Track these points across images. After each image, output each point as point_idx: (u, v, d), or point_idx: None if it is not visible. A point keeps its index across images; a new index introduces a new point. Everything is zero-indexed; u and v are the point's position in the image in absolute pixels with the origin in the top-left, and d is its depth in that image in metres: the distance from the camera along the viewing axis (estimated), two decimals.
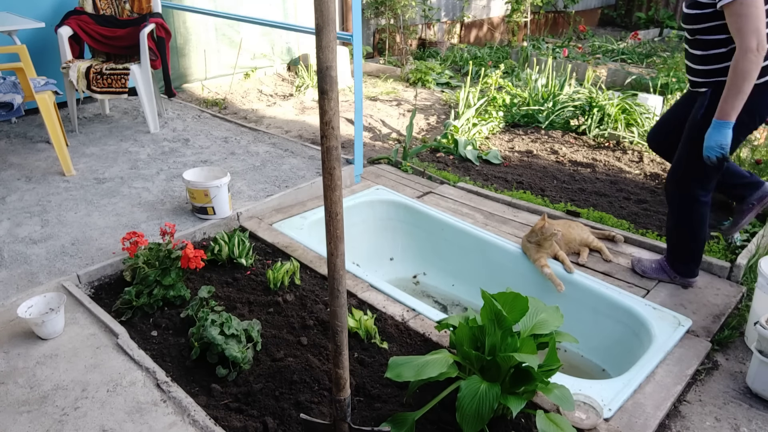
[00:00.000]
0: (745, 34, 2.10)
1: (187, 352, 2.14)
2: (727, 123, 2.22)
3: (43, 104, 3.40)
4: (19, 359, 2.08)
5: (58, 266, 2.65)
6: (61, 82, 4.11)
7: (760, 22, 2.09)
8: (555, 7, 9.20)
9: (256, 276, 2.67)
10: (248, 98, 5.67)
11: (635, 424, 1.90)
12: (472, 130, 4.64)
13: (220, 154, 3.99)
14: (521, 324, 1.94)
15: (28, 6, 4.38)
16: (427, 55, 7.54)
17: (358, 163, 3.70)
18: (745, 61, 2.12)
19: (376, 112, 5.44)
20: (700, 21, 2.28)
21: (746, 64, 2.12)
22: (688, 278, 2.66)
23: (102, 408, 1.88)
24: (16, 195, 3.31)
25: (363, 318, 2.27)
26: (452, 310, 3.10)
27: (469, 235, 3.12)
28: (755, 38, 2.09)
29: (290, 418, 1.86)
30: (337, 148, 1.41)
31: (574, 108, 4.90)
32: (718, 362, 2.24)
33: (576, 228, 2.95)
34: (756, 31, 2.09)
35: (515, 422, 1.89)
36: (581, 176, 3.96)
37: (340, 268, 1.52)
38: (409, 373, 1.80)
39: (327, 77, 1.35)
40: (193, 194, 3.00)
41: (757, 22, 2.09)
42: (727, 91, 2.19)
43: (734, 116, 2.22)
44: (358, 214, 3.36)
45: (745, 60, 2.12)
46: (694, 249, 2.59)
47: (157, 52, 4.27)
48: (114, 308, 2.37)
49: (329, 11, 1.31)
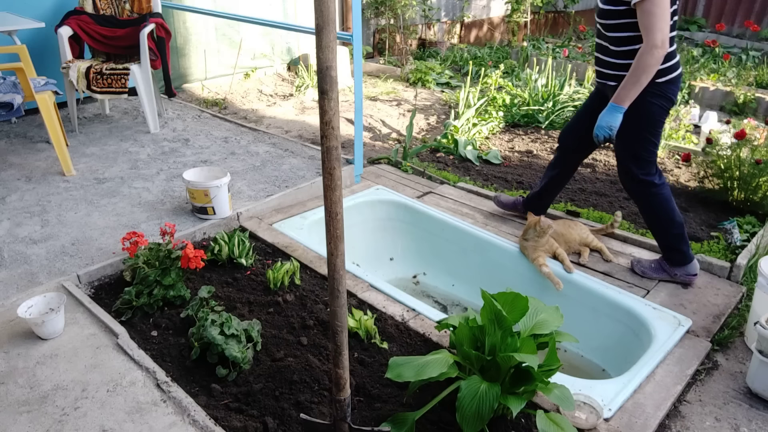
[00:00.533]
0: (653, 32, 2.25)
1: (187, 352, 2.14)
2: (620, 108, 2.43)
3: (43, 104, 3.40)
4: (19, 359, 2.08)
5: (58, 266, 2.65)
6: (61, 82, 4.11)
7: (665, 22, 2.25)
8: (555, 7, 9.20)
9: (256, 276, 2.67)
10: (248, 98, 5.67)
11: (635, 424, 1.90)
12: (472, 130, 4.64)
13: (220, 154, 3.99)
14: (521, 324, 1.94)
15: (28, 6, 4.38)
16: (427, 55, 7.54)
17: (358, 163, 3.70)
18: (650, 56, 2.28)
19: (376, 112, 5.44)
20: (614, 17, 2.41)
21: (650, 59, 2.28)
22: (687, 267, 2.67)
23: (102, 408, 1.88)
24: (16, 195, 3.31)
25: (363, 318, 2.27)
26: (452, 310, 3.10)
27: (469, 235, 3.12)
28: (660, 36, 2.24)
29: (290, 418, 1.86)
30: (337, 148, 1.41)
31: (574, 108, 4.90)
32: (718, 362, 2.24)
33: (575, 228, 2.95)
34: (662, 29, 2.24)
35: (515, 422, 1.89)
36: (581, 176, 3.96)
37: (340, 268, 1.52)
38: (410, 374, 1.80)
39: (327, 77, 1.35)
40: (193, 194, 3.00)
41: (663, 22, 2.24)
42: (628, 80, 2.37)
43: (628, 103, 2.41)
44: (358, 214, 3.36)
45: (650, 55, 2.27)
46: (677, 233, 2.64)
47: (157, 52, 4.26)
48: (114, 308, 2.37)
49: (329, 11, 1.31)
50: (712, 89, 5.82)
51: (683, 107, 4.85)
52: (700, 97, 5.82)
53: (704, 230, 3.18)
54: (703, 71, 6.25)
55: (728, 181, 3.44)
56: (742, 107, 5.58)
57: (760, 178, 3.28)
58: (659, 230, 2.68)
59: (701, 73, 6.17)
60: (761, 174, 3.27)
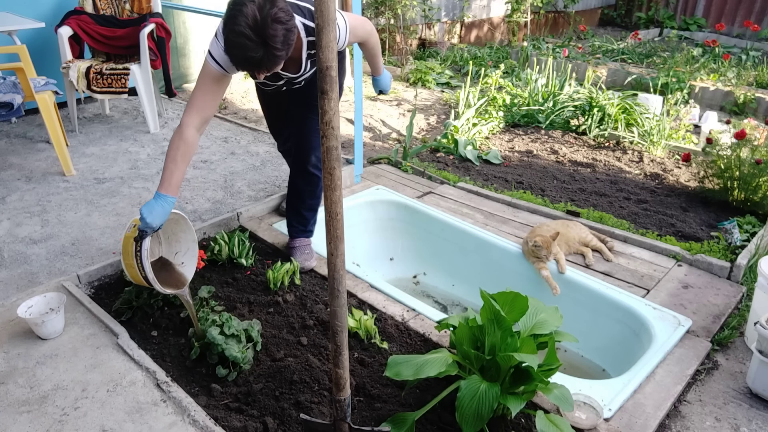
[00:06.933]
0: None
1: (187, 352, 2.14)
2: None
3: (43, 104, 3.40)
4: (19, 359, 2.08)
5: (58, 266, 2.65)
6: (61, 82, 4.11)
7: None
8: (555, 7, 9.20)
9: (256, 276, 2.67)
10: (248, 98, 5.67)
11: (635, 424, 1.90)
12: (472, 130, 4.63)
13: (220, 154, 3.99)
14: (521, 324, 1.94)
15: (28, 6, 4.38)
16: (427, 55, 7.54)
17: (358, 163, 3.70)
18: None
19: (376, 112, 5.44)
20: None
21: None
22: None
23: (102, 408, 1.87)
24: (16, 195, 3.31)
25: (363, 318, 2.27)
26: (452, 310, 3.10)
27: (469, 235, 3.12)
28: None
29: (290, 418, 1.86)
30: (337, 148, 1.41)
31: (574, 108, 4.90)
32: (718, 362, 2.24)
33: (575, 228, 2.95)
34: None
35: (515, 422, 1.89)
36: (581, 176, 3.96)
37: (340, 268, 1.52)
38: (408, 372, 1.80)
39: (327, 77, 1.35)
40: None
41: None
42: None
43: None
44: (358, 214, 3.36)
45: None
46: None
47: (157, 52, 4.26)
48: (114, 308, 2.36)
49: (329, 11, 1.30)
50: (712, 89, 5.81)
51: (683, 107, 4.85)
52: (700, 97, 5.82)
53: (704, 230, 3.18)
54: (703, 71, 6.25)
55: (728, 181, 3.43)
56: (742, 107, 5.58)
57: (760, 178, 3.28)
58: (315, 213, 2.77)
59: (701, 73, 6.17)
60: (761, 174, 3.27)
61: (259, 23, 1.89)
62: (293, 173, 2.74)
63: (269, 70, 2.05)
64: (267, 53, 1.94)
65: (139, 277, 2.13)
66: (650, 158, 4.25)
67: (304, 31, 2.22)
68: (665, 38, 8.47)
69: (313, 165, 2.66)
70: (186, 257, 2.37)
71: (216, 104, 2.24)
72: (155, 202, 2.08)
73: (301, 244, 2.79)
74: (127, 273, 2.18)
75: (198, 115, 2.17)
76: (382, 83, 2.85)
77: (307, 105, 2.59)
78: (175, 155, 2.13)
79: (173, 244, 2.39)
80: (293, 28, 1.99)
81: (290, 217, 2.81)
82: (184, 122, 2.15)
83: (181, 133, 2.14)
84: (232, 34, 1.91)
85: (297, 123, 2.63)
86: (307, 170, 2.67)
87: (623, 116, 4.67)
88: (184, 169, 2.16)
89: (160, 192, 2.10)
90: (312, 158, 2.64)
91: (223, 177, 3.64)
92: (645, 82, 5.96)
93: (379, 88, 2.87)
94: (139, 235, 2.07)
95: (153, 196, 2.10)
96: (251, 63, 1.98)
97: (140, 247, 2.05)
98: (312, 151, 2.63)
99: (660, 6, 10.03)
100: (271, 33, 1.90)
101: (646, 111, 4.71)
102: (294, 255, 2.74)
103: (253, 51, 1.92)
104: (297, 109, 2.62)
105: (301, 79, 2.45)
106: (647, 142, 4.44)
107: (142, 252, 2.05)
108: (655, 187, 3.80)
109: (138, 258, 2.07)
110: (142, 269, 2.08)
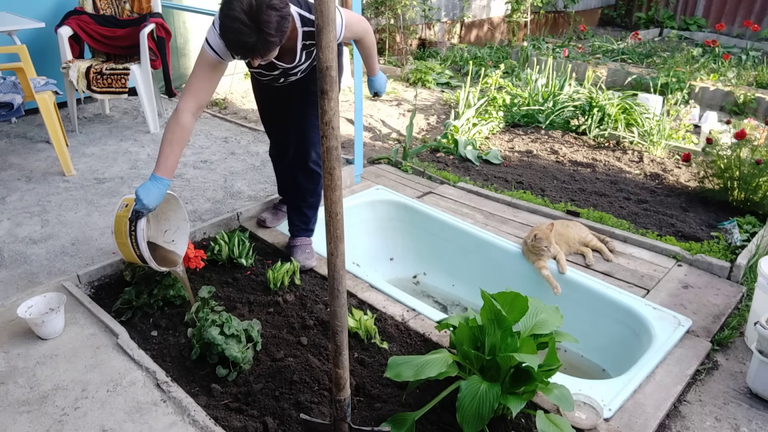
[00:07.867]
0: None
1: (187, 352, 2.14)
2: None
3: (43, 104, 3.39)
4: (19, 359, 2.08)
5: (58, 266, 2.65)
6: (61, 82, 4.11)
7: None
8: (555, 7, 9.20)
9: (256, 276, 2.67)
10: (248, 98, 5.67)
11: (635, 424, 1.90)
12: (472, 130, 4.63)
13: (220, 154, 3.99)
14: (521, 324, 1.94)
15: (28, 6, 4.38)
16: (427, 55, 7.53)
17: (358, 163, 3.70)
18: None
19: (376, 112, 5.44)
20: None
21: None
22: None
23: (102, 408, 1.87)
24: (16, 195, 3.31)
25: (363, 318, 2.27)
26: (452, 310, 3.10)
27: (469, 235, 3.12)
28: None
29: (290, 418, 1.86)
30: (337, 148, 1.41)
31: (574, 108, 4.90)
32: (718, 362, 2.24)
33: (574, 228, 2.95)
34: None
35: (515, 422, 1.89)
36: (581, 176, 3.96)
37: (340, 268, 1.52)
38: (409, 373, 1.80)
39: (327, 77, 1.35)
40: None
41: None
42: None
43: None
44: (358, 214, 3.36)
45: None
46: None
47: (157, 52, 4.26)
48: (114, 308, 2.36)
49: (329, 11, 1.30)
50: (712, 89, 5.81)
51: (683, 107, 4.85)
52: (700, 97, 5.82)
53: (704, 230, 3.18)
54: (703, 71, 6.25)
55: (728, 181, 3.43)
56: (742, 107, 5.58)
57: (760, 178, 3.28)
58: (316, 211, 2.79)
59: (701, 73, 6.17)
60: (761, 174, 3.27)
61: (254, 9, 1.93)
62: (294, 171, 2.74)
63: (263, 56, 2.08)
64: (261, 39, 1.97)
65: (133, 255, 2.15)
66: (650, 158, 4.25)
67: (300, 21, 2.24)
68: (665, 38, 8.47)
69: (313, 161, 2.66)
70: (177, 235, 2.40)
71: (211, 90, 2.27)
72: (152, 183, 2.11)
73: (302, 243, 2.79)
74: (120, 251, 2.21)
75: (194, 101, 2.20)
76: (377, 84, 2.85)
77: (306, 100, 2.60)
78: (171, 139, 2.16)
79: (162, 222, 2.42)
80: (287, 15, 2.02)
81: (292, 215, 2.81)
82: (180, 107, 2.18)
83: (177, 117, 2.17)
84: (227, 19, 1.95)
85: (296, 119, 2.64)
86: (308, 167, 2.67)
87: (623, 116, 4.67)
88: (179, 152, 2.19)
89: (156, 174, 2.12)
90: (312, 154, 2.65)
91: (223, 177, 3.64)
92: (645, 82, 5.96)
93: (374, 90, 2.87)
94: (134, 215, 2.08)
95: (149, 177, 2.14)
96: (245, 48, 2.01)
97: (135, 227, 2.07)
98: (312, 147, 2.63)
99: (660, 6, 10.03)
100: (264, 19, 1.94)
101: (646, 111, 4.71)
102: (294, 254, 2.75)
103: (247, 36, 1.96)
104: (295, 104, 2.63)
105: (296, 70, 2.45)
106: (647, 142, 4.44)
107: (138, 232, 2.07)
108: (655, 187, 3.80)
109: (133, 237, 2.08)
110: (137, 248, 2.11)
